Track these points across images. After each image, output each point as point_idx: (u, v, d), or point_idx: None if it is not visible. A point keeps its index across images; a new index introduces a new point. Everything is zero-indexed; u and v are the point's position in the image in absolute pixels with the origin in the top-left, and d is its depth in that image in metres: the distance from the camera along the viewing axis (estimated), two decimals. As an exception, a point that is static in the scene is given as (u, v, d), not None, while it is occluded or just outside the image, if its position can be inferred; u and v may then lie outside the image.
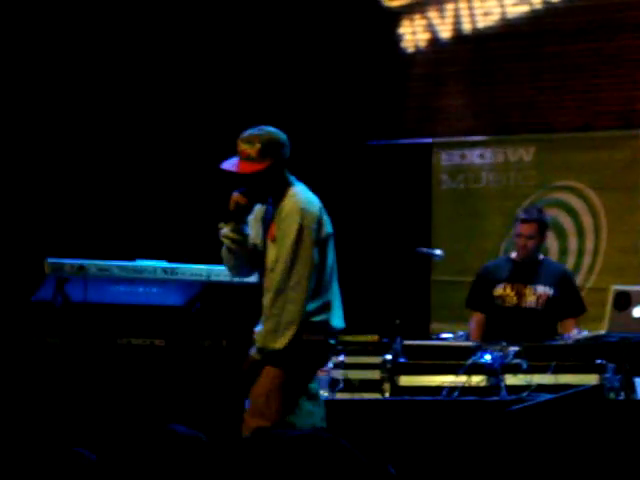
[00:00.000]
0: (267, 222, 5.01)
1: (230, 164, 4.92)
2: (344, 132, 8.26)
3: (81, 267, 5.69)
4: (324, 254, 5.03)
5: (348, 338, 6.29)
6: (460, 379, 5.93)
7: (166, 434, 2.75)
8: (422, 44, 8.40)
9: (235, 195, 4.89)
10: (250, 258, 5.01)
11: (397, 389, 6.09)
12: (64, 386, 5.76)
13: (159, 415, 5.68)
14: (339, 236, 4.80)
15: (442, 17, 8.34)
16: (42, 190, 7.73)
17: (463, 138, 8.34)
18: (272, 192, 4.96)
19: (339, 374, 6.16)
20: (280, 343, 4.95)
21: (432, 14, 8.38)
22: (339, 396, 6.10)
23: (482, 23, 8.26)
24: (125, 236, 7.53)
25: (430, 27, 8.37)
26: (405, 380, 6.08)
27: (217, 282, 6.01)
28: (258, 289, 6.01)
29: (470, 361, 5.94)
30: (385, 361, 6.14)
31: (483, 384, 5.94)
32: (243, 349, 6.05)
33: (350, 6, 8.30)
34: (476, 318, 6.69)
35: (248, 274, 5.18)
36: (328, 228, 5.07)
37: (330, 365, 6.15)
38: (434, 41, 8.37)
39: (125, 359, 5.87)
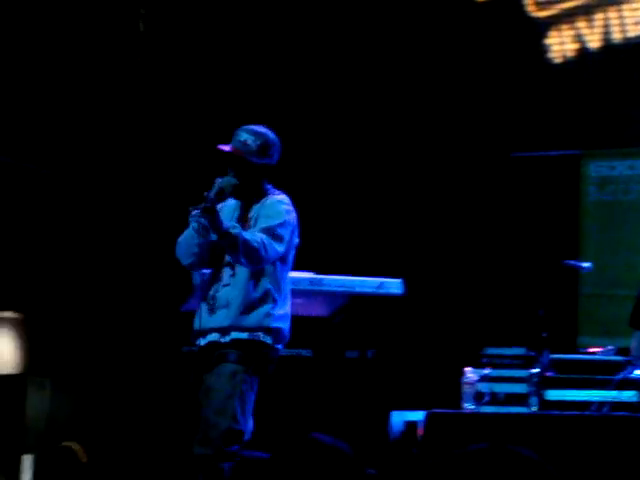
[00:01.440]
0: (239, 219, 4.85)
1: (229, 147, 4.81)
2: (488, 144, 8.20)
3: (229, 278, 5.76)
4: (290, 261, 4.96)
5: (495, 351, 6.24)
6: (610, 394, 5.81)
7: (310, 443, 2.77)
8: (570, 54, 8.28)
9: (220, 181, 4.74)
10: (211, 251, 4.80)
11: (544, 403, 6.00)
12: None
13: (305, 424, 5.73)
14: (485, 248, 4.74)
15: (591, 27, 8.21)
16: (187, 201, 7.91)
17: (612, 149, 8.18)
18: (253, 193, 4.85)
19: (485, 387, 6.11)
20: None
21: (580, 24, 8.26)
22: (484, 409, 6.05)
23: (633, 32, 8.10)
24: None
25: (578, 37, 8.25)
26: (553, 394, 5.99)
27: (362, 294, 6.03)
28: (402, 301, 6.04)
29: (620, 376, 5.82)
30: (532, 374, 6.06)
31: (634, 399, 5.80)
32: (388, 360, 6.08)
33: (497, 17, 8.25)
34: None
35: (200, 267, 4.93)
36: (297, 237, 4.97)
37: (476, 378, 6.11)
38: (582, 51, 8.25)
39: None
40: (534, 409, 6.04)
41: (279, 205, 4.85)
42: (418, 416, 6.22)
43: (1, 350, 9.24)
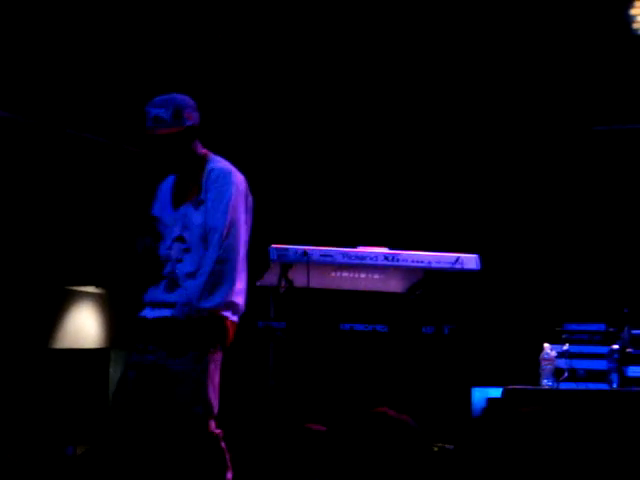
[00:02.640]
0: (181, 187, 4.60)
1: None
2: (570, 117, 8.07)
3: (305, 253, 5.78)
4: (248, 226, 4.65)
5: (574, 327, 6.17)
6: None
7: (377, 416, 2.77)
8: (655, 25, 8.08)
9: None
10: None
11: (625, 380, 5.91)
12: (289, 369, 5.88)
13: (380, 400, 5.71)
14: (565, 223, 4.66)
15: (677, -3, 8.00)
16: (266, 180, 7.94)
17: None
18: (187, 159, 4.58)
19: (564, 363, 6.05)
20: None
21: (667, -6, 8.05)
22: (563, 385, 5.98)
23: None
24: (347, 223, 7.61)
25: (664, 7, 8.05)
26: (633, 370, 5.90)
27: (438, 269, 5.98)
28: (479, 276, 5.98)
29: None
30: (612, 351, 5.98)
31: None
32: (464, 336, 6.02)
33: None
34: None
35: None
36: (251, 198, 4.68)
37: (555, 354, 6.04)
38: (668, 22, 8.03)
39: (347, 344, 5.94)
40: (614, 386, 5.96)
41: (223, 177, 4.54)
42: (499, 393, 6.17)
43: (84, 324, 9.39)
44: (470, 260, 5.99)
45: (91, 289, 9.34)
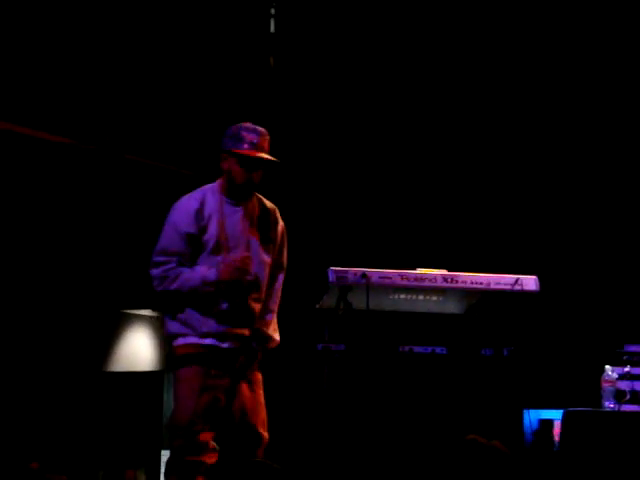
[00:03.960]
0: (245, 218, 4.83)
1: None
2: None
3: (364, 275, 5.78)
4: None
5: (635, 348, 6.11)
6: None
7: (469, 444, 2.76)
8: None
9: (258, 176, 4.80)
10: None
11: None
12: (347, 392, 5.87)
13: (442, 423, 5.70)
14: (624, 243, 4.62)
15: None
16: (324, 200, 7.96)
17: None
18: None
19: (625, 385, 5.99)
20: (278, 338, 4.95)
21: None
22: (625, 408, 5.93)
23: None
24: (406, 244, 7.61)
25: None
26: (695, 392, 5.84)
27: (497, 290, 5.96)
28: (538, 297, 5.95)
29: None
30: (674, 372, 5.93)
31: None
32: (523, 357, 5.99)
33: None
34: None
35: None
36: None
37: (616, 376, 6.00)
38: None
39: (407, 366, 5.92)
40: (676, 407, 5.90)
41: (280, 221, 4.98)
42: (553, 414, 6.12)
43: (139, 347, 9.44)
44: (529, 281, 5.96)
45: (146, 312, 9.39)
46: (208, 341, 4.74)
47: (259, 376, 4.88)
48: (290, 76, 8.14)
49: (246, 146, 4.75)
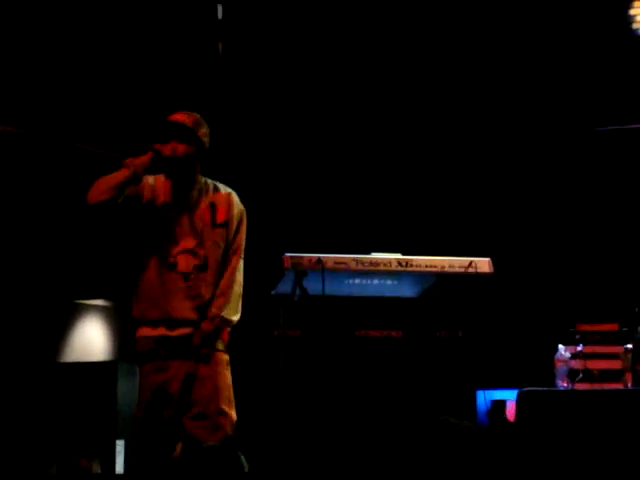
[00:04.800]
0: (190, 202, 4.89)
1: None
2: (572, 119, 8.09)
3: (319, 261, 5.79)
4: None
5: (587, 327, 6.18)
6: None
7: (441, 424, 2.78)
8: (655, 24, 8.10)
9: (177, 148, 4.82)
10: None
11: (639, 379, 5.92)
12: (303, 377, 5.89)
13: (399, 405, 5.74)
14: (575, 223, 4.70)
15: (676, -4, 8.03)
16: (278, 188, 7.96)
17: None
18: (189, 173, 4.90)
19: (578, 364, 6.06)
20: (237, 317, 4.91)
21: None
22: (578, 386, 6.00)
23: None
24: (360, 229, 7.63)
25: (663, 7, 8.08)
26: (648, 370, 5.91)
27: (451, 273, 5.99)
28: (491, 279, 6.00)
29: None
30: (626, 350, 5.99)
31: None
32: (478, 340, 6.04)
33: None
34: None
35: (110, 209, 4.78)
36: None
37: (569, 355, 6.06)
38: (667, 21, 8.06)
39: (363, 351, 5.95)
40: (629, 385, 5.97)
41: (238, 205, 5.02)
42: (506, 395, 6.18)
43: (92, 337, 9.39)
44: (483, 264, 6.00)
45: (98, 302, 9.35)
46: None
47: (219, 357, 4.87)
48: (239, 63, 8.12)
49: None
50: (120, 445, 8.78)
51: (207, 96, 7.83)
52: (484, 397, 6.33)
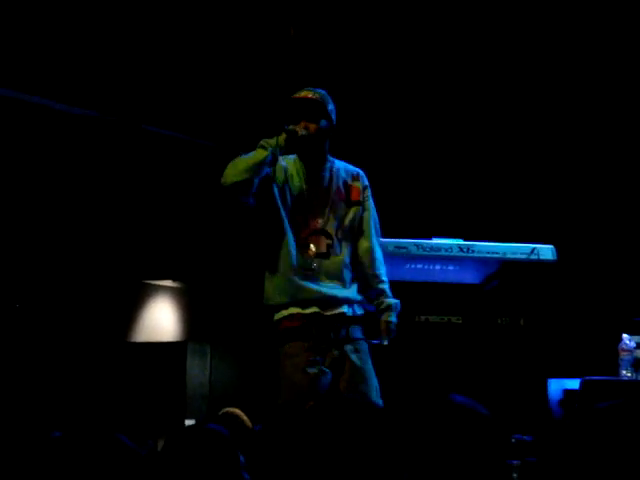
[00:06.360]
0: (323, 182, 4.81)
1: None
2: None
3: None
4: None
5: (653, 317, 6.10)
6: None
7: (447, 404, 2.76)
8: None
9: (309, 126, 4.70)
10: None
11: None
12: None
13: (455, 390, 5.70)
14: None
15: None
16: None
17: None
18: (320, 153, 4.83)
19: (644, 354, 5.98)
20: None
21: None
22: (643, 377, 5.92)
23: None
24: (422, 214, 7.59)
25: None
26: None
27: (514, 260, 5.94)
28: (555, 267, 5.92)
29: None
30: (692, 340, 5.90)
31: None
32: (540, 327, 5.98)
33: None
34: None
35: (243, 193, 4.65)
36: None
37: (633, 345, 5.97)
38: None
39: (423, 336, 5.93)
40: (694, 376, 5.87)
41: (368, 188, 5.00)
42: (576, 384, 6.11)
43: (162, 318, 9.50)
44: (546, 251, 5.94)
45: (168, 283, 9.44)
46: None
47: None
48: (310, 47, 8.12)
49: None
50: (189, 424, 8.88)
51: (278, 79, 7.85)
52: (552, 387, 6.27)
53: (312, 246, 4.72)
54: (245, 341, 8.86)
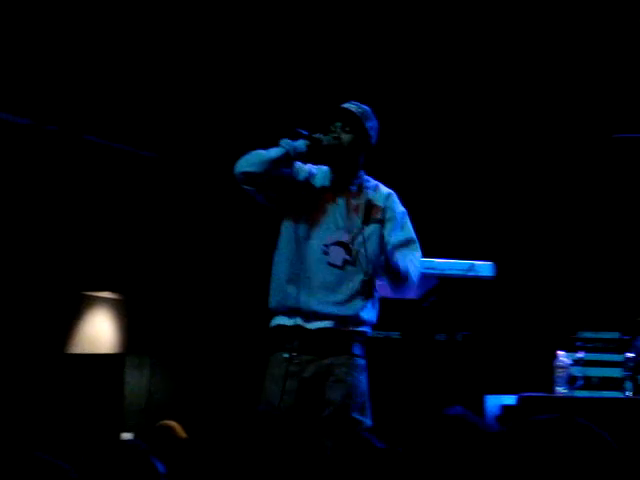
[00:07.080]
0: (349, 196, 4.76)
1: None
2: (589, 125, 8.03)
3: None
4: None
5: (588, 334, 6.16)
6: None
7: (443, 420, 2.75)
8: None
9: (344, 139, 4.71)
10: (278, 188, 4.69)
11: (639, 388, 5.90)
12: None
13: (390, 407, 5.72)
14: (580, 230, 4.64)
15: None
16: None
17: None
18: (350, 168, 4.80)
19: (578, 371, 6.04)
20: None
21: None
22: (578, 393, 5.98)
23: None
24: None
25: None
26: (648, 379, 5.89)
27: (452, 276, 5.97)
28: (492, 284, 5.97)
29: None
30: (627, 359, 5.97)
31: None
32: (477, 344, 6.02)
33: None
34: None
35: (256, 184, 4.63)
36: None
37: (569, 362, 6.05)
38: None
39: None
40: (628, 394, 5.95)
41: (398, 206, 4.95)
42: (513, 400, 6.16)
43: (100, 330, 9.42)
44: (484, 267, 5.97)
45: (107, 294, 9.36)
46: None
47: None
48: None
49: None
50: (126, 438, 8.81)
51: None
52: (489, 402, 6.31)
53: (327, 256, 4.67)
54: (184, 354, 8.81)
